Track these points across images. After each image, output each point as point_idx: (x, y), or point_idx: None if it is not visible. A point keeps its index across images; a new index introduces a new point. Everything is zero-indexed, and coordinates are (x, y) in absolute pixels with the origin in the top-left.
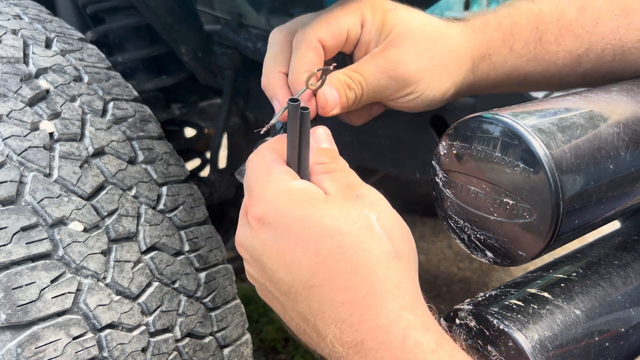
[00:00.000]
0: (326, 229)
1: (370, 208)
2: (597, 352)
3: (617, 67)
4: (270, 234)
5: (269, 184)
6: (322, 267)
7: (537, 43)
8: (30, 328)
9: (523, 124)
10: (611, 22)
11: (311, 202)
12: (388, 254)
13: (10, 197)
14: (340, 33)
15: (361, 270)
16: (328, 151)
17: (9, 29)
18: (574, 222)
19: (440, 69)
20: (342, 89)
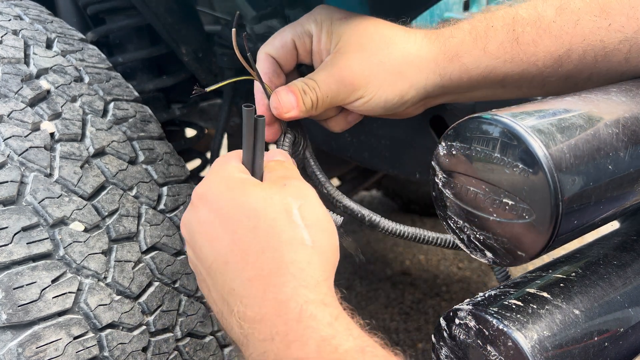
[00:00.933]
0: (247, 210)
1: (294, 197)
2: (596, 352)
3: (601, 69)
4: (205, 211)
5: (220, 171)
6: (237, 244)
7: (513, 44)
8: (31, 328)
9: (522, 124)
10: (591, 23)
11: (243, 186)
12: (299, 241)
13: (11, 197)
14: (283, 44)
15: (269, 251)
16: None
17: (10, 30)
18: (573, 223)
19: (393, 72)
20: (299, 94)
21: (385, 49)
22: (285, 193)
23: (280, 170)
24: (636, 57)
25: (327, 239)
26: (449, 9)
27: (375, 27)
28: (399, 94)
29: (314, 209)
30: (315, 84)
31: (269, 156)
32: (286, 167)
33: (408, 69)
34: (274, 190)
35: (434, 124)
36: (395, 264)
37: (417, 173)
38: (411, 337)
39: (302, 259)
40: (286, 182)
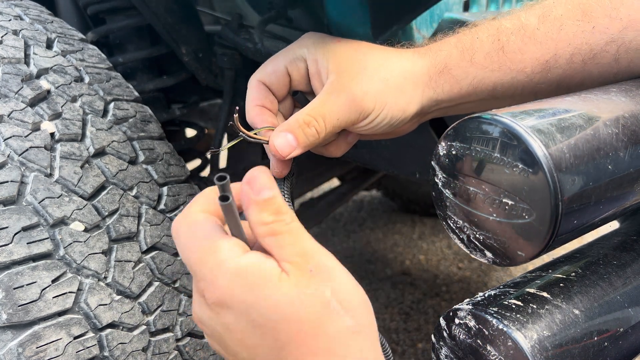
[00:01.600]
0: (285, 316)
1: (324, 282)
2: (596, 351)
3: (592, 72)
4: (231, 317)
5: (219, 267)
6: (282, 351)
7: (499, 53)
8: (31, 327)
9: (522, 124)
10: (574, 28)
11: (264, 284)
12: (347, 331)
13: (12, 197)
14: (276, 70)
15: (321, 354)
16: (269, 203)
17: (10, 30)
18: (572, 223)
19: (395, 89)
20: (299, 130)
21: (385, 66)
22: (316, 282)
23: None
24: (625, 57)
25: (366, 313)
26: (449, 9)
27: (369, 48)
28: (402, 110)
29: (343, 285)
30: (320, 111)
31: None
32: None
33: (406, 85)
34: (304, 282)
35: (434, 124)
36: (395, 264)
37: (417, 173)
38: (411, 337)
39: (354, 352)
40: (311, 267)
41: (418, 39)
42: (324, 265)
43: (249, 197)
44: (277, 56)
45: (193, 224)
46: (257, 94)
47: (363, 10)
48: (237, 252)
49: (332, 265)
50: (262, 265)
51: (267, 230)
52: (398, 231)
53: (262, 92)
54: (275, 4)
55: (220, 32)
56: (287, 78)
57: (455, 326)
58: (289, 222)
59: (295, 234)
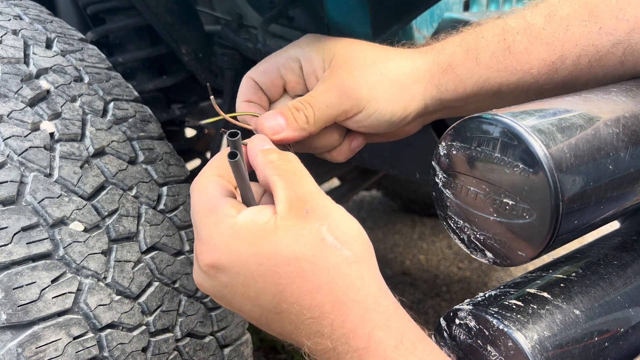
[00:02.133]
0: (282, 259)
1: (320, 221)
2: (597, 352)
3: (597, 74)
4: (228, 277)
5: (215, 225)
6: (284, 294)
7: (505, 53)
8: (30, 328)
9: (522, 124)
10: (581, 28)
11: (261, 235)
12: (345, 261)
13: (11, 197)
14: (268, 70)
15: (323, 287)
16: (272, 150)
17: (10, 30)
18: (573, 223)
19: (395, 84)
20: (288, 113)
21: (382, 62)
22: (311, 222)
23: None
24: (631, 59)
25: (363, 245)
26: (449, 8)
27: (368, 45)
28: (403, 107)
29: (338, 221)
30: (310, 98)
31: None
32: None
33: (407, 81)
34: (300, 224)
35: (434, 124)
36: (395, 264)
37: (417, 173)
38: None
39: (354, 279)
40: (307, 208)
41: (418, 38)
42: (320, 205)
43: (255, 150)
44: (271, 56)
45: (202, 187)
46: (246, 90)
47: (363, 10)
48: (232, 213)
49: (328, 205)
50: (258, 219)
51: (274, 168)
52: (398, 231)
53: (251, 89)
54: (276, 3)
55: (220, 32)
56: (280, 80)
57: (456, 326)
58: (292, 161)
59: (297, 175)
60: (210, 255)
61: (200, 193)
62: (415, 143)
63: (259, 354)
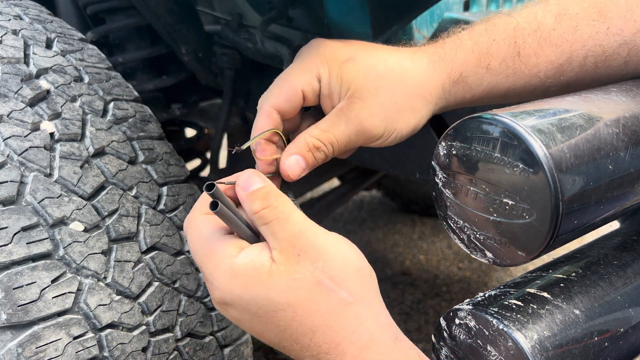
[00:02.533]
0: (277, 305)
1: (314, 262)
2: (597, 352)
3: (601, 75)
4: (235, 312)
5: (216, 267)
6: (285, 334)
7: (515, 58)
8: (30, 328)
9: (522, 124)
10: (590, 28)
11: (256, 282)
12: (340, 304)
13: (11, 197)
14: (293, 95)
15: (319, 330)
16: (257, 193)
17: (10, 30)
18: (573, 223)
19: (406, 109)
20: (309, 154)
21: (398, 85)
22: (304, 265)
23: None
24: (635, 60)
25: (359, 277)
26: (449, 8)
27: (385, 64)
28: (413, 128)
29: (334, 257)
30: (332, 137)
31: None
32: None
33: (418, 103)
34: (293, 270)
35: (434, 124)
36: (395, 264)
37: (417, 173)
38: (411, 337)
39: (350, 321)
40: (298, 251)
41: (418, 38)
42: (312, 245)
43: (241, 195)
44: (292, 77)
45: (195, 228)
46: (266, 124)
47: (363, 10)
48: (232, 253)
49: (321, 243)
50: (255, 262)
51: (259, 219)
52: (398, 231)
53: (272, 122)
54: (275, 3)
55: (220, 32)
56: (301, 101)
57: (456, 326)
58: (277, 207)
59: (283, 219)
60: (217, 294)
61: (196, 234)
62: (415, 143)
63: (259, 354)
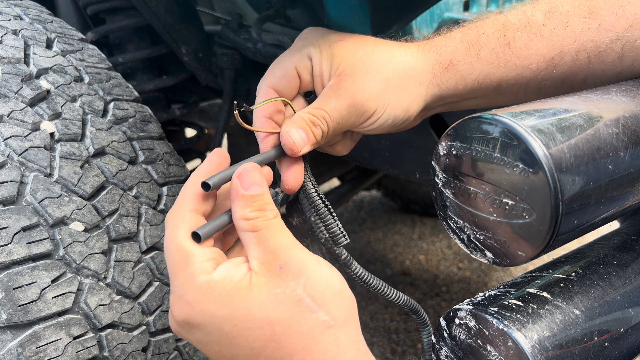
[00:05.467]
0: (256, 321)
1: (295, 279)
2: (597, 351)
3: (596, 70)
4: (202, 334)
5: (189, 280)
6: (259, 357)
7: (505, 48)
8: (31, 328)
9: (522, 124)
10: (581, 25)
11: (235, 294)
12: (321, 326)
13: (11, 197)
14: (287, 74)
15: (297, 354)
16: (255, 199)
17: (10, 30)
18: (573, 223)
19: (397, 87)
20: (308, 128)
21: (388, 65)
22: (285, 280)
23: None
24: (630, 55)
25: (341, 301)
26: (449, 8)
27: (374, 46)
28: (405, 109)
29: (315, 279)
30: (324, 113)
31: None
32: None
33: (410, 83)
34: (274, 283)
35: (434, 124)
36: (395, 264)
37: (417, 173)
38: (411, 337)
39: (330, 346)
40: (281, 264)
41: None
42: (296, 260)
43: (237, 190)
44: (284, 57)
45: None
46: (267, 105)
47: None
48: (209, 267)
49: (304, 259)
50: (233, 275)
51: (248, 226)
52: (398, 231)
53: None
54: (274, 3)
55: (220, 32)
56: (297, 80)
57: (456, 326)
58: (269, 218)
59: (272, 230)
60: (184, 312)
61: (173, 238)
62: (415, 143)
63: None
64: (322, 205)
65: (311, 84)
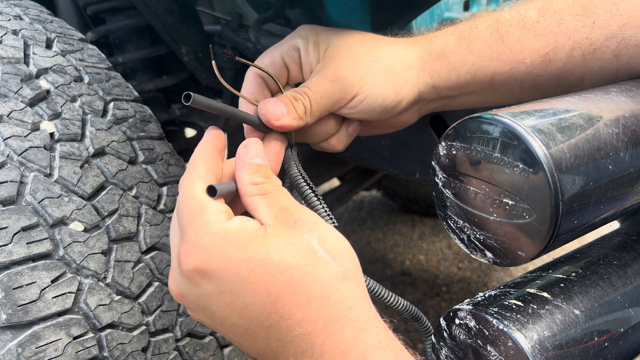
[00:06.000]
0: (275, 266)
1: (310, 232)
2: (597, 352)
3: (592, 68)
4: (215, 284)
5: (205, 227)
6: (276, 304)
7: (498, 42)
8: (30, 328)
9: (522, 124)
10: (575, 22)
11: (253, 240)
12: (337, 277)
13: (11, 197)
14: (275, 62)
15: (315, 301)
16: (261, 168)
17: (10, 30)
18: (573, 223)
19: (386, 69)
20: (289, 102)
21: (374, 49)
22: (301, 232)
23: (276, 196)
24: (625, 53)
25: (353, 262)
26: (449, 9)
27: (361, 35)
28: (395, 91)
29: (328, 234)
30: (306, 89)
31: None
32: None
33: (399, 66)
34: (290, 232)
35: (434, 124)
36: (395, 264)
37: (417, 173)
38: (411, 337)
39: (346, 296)
40: (295, 218)
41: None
42: (308, 217)
43: (243, 159)
44: (272, 49)
45: (190, 185)
46: (252, 87)
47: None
48: (223, 217)
49: (316, 218)
50: (249, 226)
51: (258, 190)
52: (398, 231)
53: (258, 86)
54: (273, 4)
55: (220, 32)
56: (285, 70)
57: (456, 326)
58: (275, 183)
59: (281, 193)
60: (197, 258)
61: (189, 192)
62: (415, 143)
63: None
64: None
65: (300, 74)
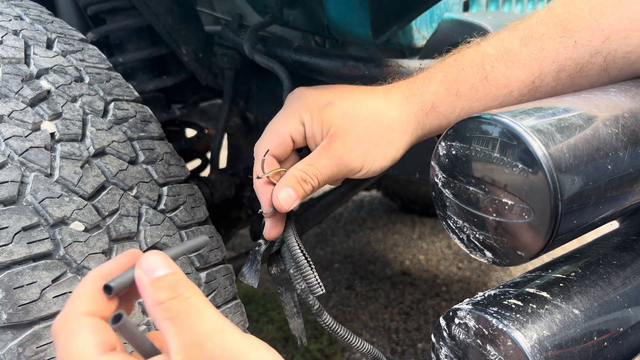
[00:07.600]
0: None
1: None
2: (596, 351)
3: (582, 84)
4: None
5: None
6: None
7: (484, 82)
8: (31, 328)
9: (522, 124)
10: (557, 45)
11: None
12: None
13: (12, 197)
14: (283, 141)
15: None
16: (162, 280)
17: (10, 30)
18: (572, 222)
19: (382, 144)
20: (298, 185)
21: (374, 124)
22: None
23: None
24: (614, 66)
25: None
26: (449, 9)
27: (362, 104)
28: (392, 159)
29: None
30: (316, 170)
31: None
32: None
33: (395, 137)
34: None
35: None
36: (395, 264)
37: (417, 173)
38: (411, 337)
39: None
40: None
41: (418, 39)
42: (225, 349)
43: (142, 280)
44: (280, 124)
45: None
46: (268, 170)
47: (363, 10)
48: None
49: (237, 348)
50: None
51: (163, 312)
52: (398, 231)
53: (268, 165)
54: (272, 7)
55: (220, 32)
56: (292, 144)
57: (455, 326)
58: (187, 298)
59: (193, 315)
60: None
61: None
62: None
63: None
64: (302, 258)
65: (304, 142)
